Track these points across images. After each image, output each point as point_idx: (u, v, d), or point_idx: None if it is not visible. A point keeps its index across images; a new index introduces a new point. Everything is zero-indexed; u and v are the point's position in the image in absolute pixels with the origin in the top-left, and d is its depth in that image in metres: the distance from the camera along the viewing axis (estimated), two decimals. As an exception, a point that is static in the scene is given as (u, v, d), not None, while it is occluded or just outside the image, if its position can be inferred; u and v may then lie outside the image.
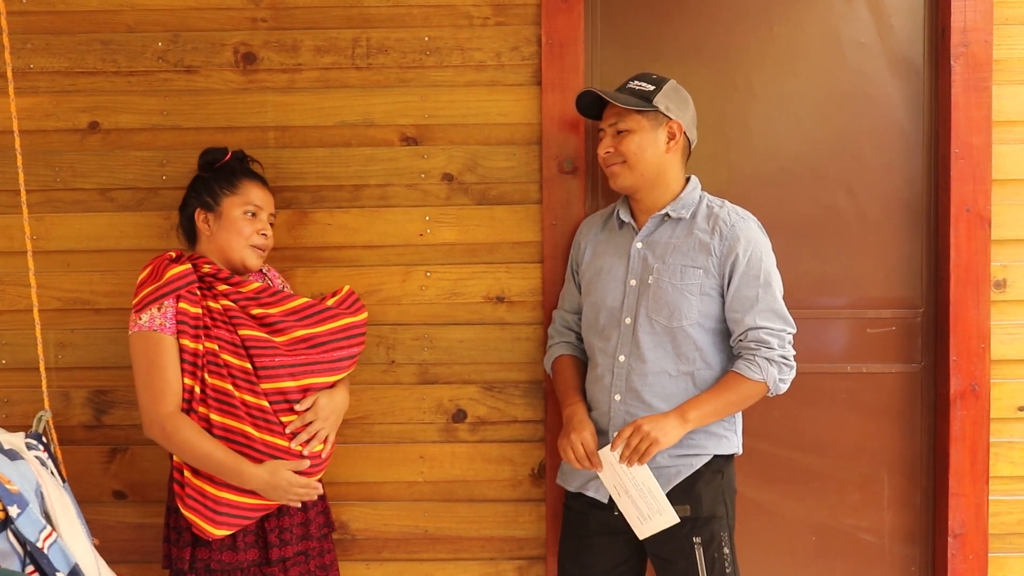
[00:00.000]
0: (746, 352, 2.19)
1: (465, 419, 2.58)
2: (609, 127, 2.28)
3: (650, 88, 2.25)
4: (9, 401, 2.56)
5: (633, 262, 2.27)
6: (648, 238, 2.28)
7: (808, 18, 2.61)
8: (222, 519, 2.11)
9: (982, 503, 2.55)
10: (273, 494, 2.12)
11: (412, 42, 2.52)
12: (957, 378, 2.54)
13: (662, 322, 2.21)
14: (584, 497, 2.30)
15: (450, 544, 2.60)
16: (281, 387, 2.15)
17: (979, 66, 2.51)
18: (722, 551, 2.21)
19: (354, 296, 2.34)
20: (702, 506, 2.21)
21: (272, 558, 2.18)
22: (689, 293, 2.20)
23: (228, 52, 2.52)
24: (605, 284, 2.30)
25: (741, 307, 2.20)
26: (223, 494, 2.10)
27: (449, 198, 2.54)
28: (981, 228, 2.52)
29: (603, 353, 2.27)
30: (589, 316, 2.33)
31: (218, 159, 2.27)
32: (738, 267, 2.20)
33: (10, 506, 1.87)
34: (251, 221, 2.25)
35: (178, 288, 2.13)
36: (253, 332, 2.16)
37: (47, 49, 2.51)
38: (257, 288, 2.23)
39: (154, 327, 2.12)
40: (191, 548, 2.15)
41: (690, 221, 2.26)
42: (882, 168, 2.62)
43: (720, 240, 2.21)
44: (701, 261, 2.21)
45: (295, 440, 2.16)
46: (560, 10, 2.50)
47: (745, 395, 2.20)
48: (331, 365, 2.22)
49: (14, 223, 2.47)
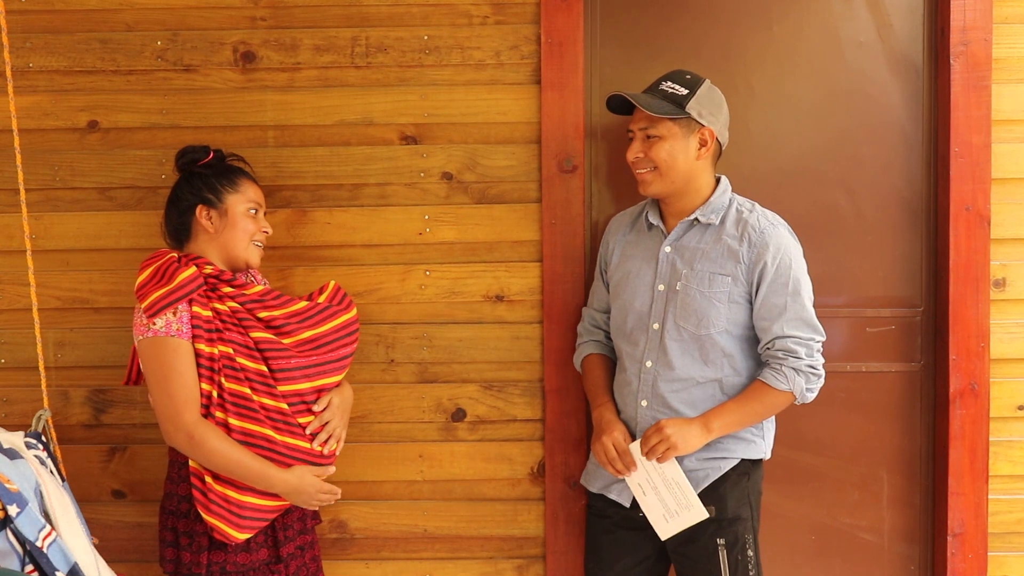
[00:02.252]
0: (773, 361, 2.18)
1: (464, 418, 2.58)
2: (639, 131, 2.22)
3: (683, 92, 2.19)
4: (8, 400, 2.56)
5: (662, 267, 2.25)
6: (677, 242, 2.25)
7: (807, 17, 2.61)
8: (246, 523, 2.11)
9: (981, 502, 2.55)
10: (299, 499, 2.15)
11: (411, 41, 2.51)
12: (956, 377, 2.54)
13: (690, 329, 2.19)
14: (606, 498, 2.30)
15: (449, 543, 2.60)
16: (298, 389, 2.16)
17: (978, 65, 2.51)
18: (746, 553, 2.20)
19: (342, 291, 2.33)
20: (727, 508, 2.20)
21: (283, 555, 2.19)
22: (717, 301, 2.18)
23: (227, 51, 2.52)
24: (634, 288, 2.28)
25: (769, 315, 2.18)
26: (247, 498, 2.10)
27: (448, 197, 2.54)
28: (980, 227, 2.52)
29: (630, 357, 2.26)
30: (617, 319, 2.32)
31: (200, 158, 2.24)
32: (767, 275, 2.17)
33: (9, 505, 1.87)
34: (254, 218, 2.24)
35: (191, 292, 2.11)
36: (264, 335, 2.16)
37: (46, 48, 2.51)
38: (261, 291, 2.22)
39: (171, 332, 2.09)
40: (207, 552, 2.14)
41: (719, 227, 2.22)
42: (881, 167, 2.62)
43: (749, 247, 2.18)
44: (730, 268, 2.19)
45: (316, 440, 2.17)
46: (559, 9, 2.49)
47: (771, 404, 2.19)
48: (338, 364, 2.24)
49: (13, 222, 2.47)
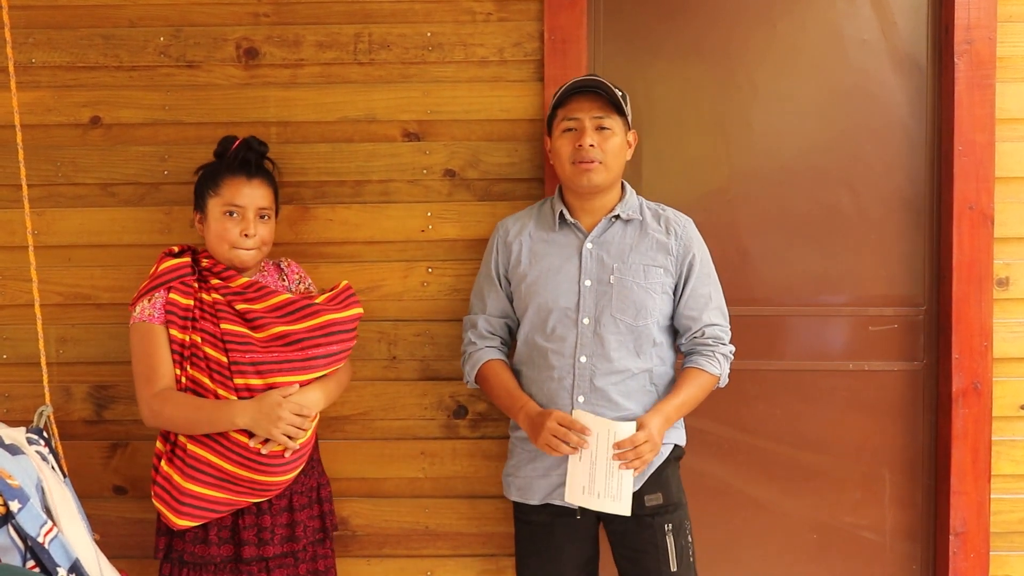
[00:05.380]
0: (704, 349, 2.26)
1: (466, 415, 2.57)
2: (592, 119, 2.22)
3: (620, 93, 2.24)
4: (10, 396, 2.56)
5: (586, 263, 2.25)
6: (599, 239, 2.27)
7: (810, 15, 2.60)
8: (186, 509, 2.11)
9: (984, 501, 2.55)
10: (263, 424, 2.08)
11: (414, 37, 2.51)
12: (959, 376, 2.54)
13: (627, 321, 2.22)
14: (551, 507, 2.26)
15: (451, 540, 2.59)
16: (249, 383, 2.14)
17: (982, 63, 2.50)
18: (687, 539, 2.25)
19: (348, 292, 2.29)
20: (671, 493, 2.24)
21: (244, 556, 2.15)
22: (653, 292, 2.23)
23: (230, 47, 2.51)
24: (556, 285, 2.25)
25: (697, 305, 2.26)
26: (188, 485, 2.10)
27: (451, 194, 2.54)
28: (984, 226, 2.52)
29: (557, 355, 2.23)
30: (535, 319, 2.27)
31: (226, 149, 2.25)
32: (695, 266, 2.27)
33: (11, 501, 1.87)
34: (234, 221, 2.20)
35: (169, 280, 2.16)
36: (233, 327, 2.16)
37: (49, 44, 2.51)
38: (245, 283, 2.22)
39: (144, 318, 2.16)
40: (167, 538, 2.18)
41: (641, 222, 2.28)
42: (884, 166, 2.62)
43: (676, 240, 2.27)
44: (661, 260, 2.25)
45: (253, 440, 2.11)
46: (563, 6, 2.49)
47: (706, 389, 2.26)
48: (303, 364, 2.17)
49: (15, 218, 2.47)
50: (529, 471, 2.27)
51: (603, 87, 2.22)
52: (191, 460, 2.12)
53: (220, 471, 2.11)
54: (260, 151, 2.28)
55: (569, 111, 2.24)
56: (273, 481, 2.14)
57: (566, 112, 2.24)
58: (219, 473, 2.12)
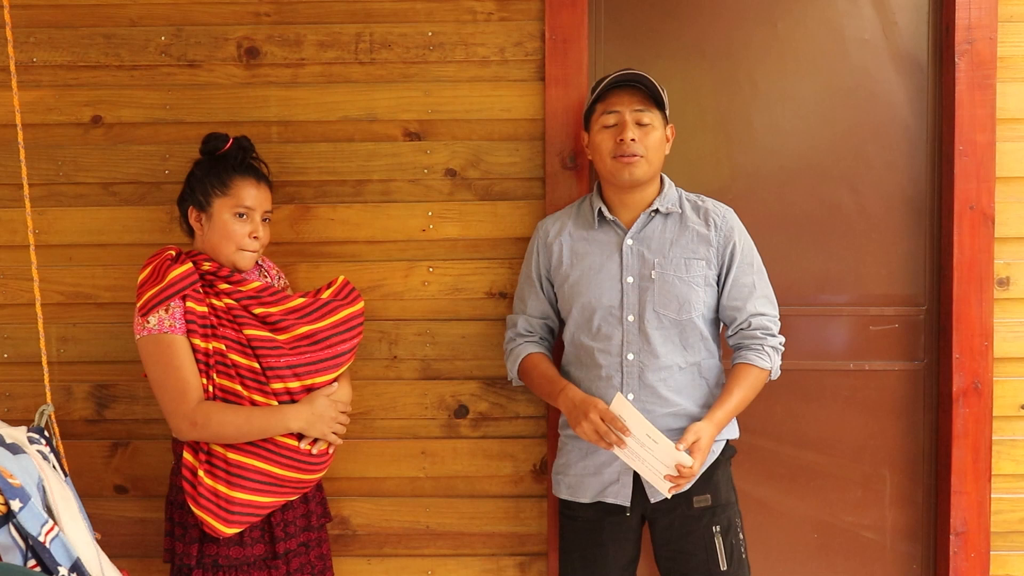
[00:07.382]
0: (752, 341, 2.22)
1: (467, 415, 2.57)
2: (632, 113, 2.21)
3: (660, 88, 2.24)
4: (11, 395, 2.56)
5: (627, 259, 2.25)
6: (639, 234, 2.27)
7: (812, 15, 2.61)
8: (235, 518, 2.10)
9: (984, 501, 2.55)
10: (317, 425, 2.15)
11: (415, 37, 2.51)
12: (960, 376, 2.54)
13: (671, 316, 2.21)
14: (602, 505, 2.26)
15: (452, 540, 2.60)
16: (288, 387, 2.15)
17: (983, 63, 2.50)
18: (738, 537, 2.23)
19: (349, 286, 2.32)
20: (720, 494, 2.23)
21: (279, 551, 2.18)
22: (695, 284, 2.22)
23: (231, 46, 2.52)
24: (599, 283, 2.26)
25: (740, 295, 2.24)
26: (237, 494, 2.10)
27: (452, 194, 2.54)
28: (984, 226, 2.52)
29: (605, 353, 2.23)
30: (579, 319, 2.27)
31: (219, 147, 2.23)
32: (736, 256, 2.25)
33: (12, 500, 1.87)
34: (242, 223, 2.20)
35: (182, 289, 2.12)
36: (257, 332, 2.16)
37: (50, 43, 2.51)
38: (258, 287, 2.22)
39: (164, 329, 2.10)
40: (199, 544, 2.14)
41: (681, 215, 2.27)
42: (885, 165, 2.62)
43: (716, 231, 2.25)
44: (703, 252, 2.23)
45: (303, 441, 2.16)
46: (564, 6, 2.49)
47: (756, 386, 2.23)
48: (333, 362, 2.21)
49: (16, 217, 2.47)
50: (580, 469, 2.27)
51: (644, 80, 2.22)
52: (235, 469, 2.11)
53: (269, 476, 2.12)
54: (251, 150, 2.29)
55: (609, 104, 2.23)
56: (316, 479, 2.22)
57: (606, 106, 2.24)
58: (267, 478, 2.12)
